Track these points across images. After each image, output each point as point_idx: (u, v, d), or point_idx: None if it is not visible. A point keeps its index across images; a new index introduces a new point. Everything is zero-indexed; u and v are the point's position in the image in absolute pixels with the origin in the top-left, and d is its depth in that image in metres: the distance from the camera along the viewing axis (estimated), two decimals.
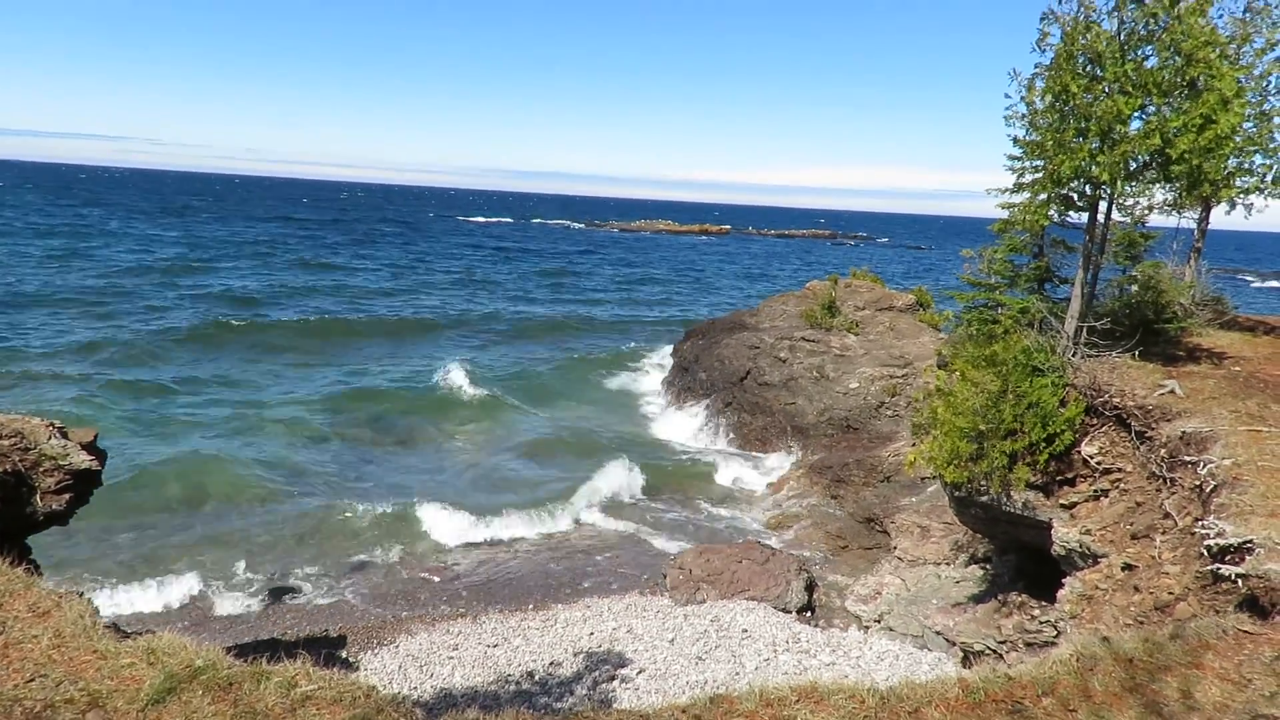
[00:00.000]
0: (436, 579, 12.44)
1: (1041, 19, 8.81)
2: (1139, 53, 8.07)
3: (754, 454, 18.55)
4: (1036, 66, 8.82)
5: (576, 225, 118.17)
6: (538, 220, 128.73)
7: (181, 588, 11.48)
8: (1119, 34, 8.08)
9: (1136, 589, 6.72)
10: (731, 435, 19.38)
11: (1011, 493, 8.75)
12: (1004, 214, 9.49)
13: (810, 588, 12.19)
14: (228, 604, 11.31)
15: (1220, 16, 8.37)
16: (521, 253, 63.61)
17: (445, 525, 13.92)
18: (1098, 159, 8.14)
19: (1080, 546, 7.91)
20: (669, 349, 26.04)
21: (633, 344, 28.80)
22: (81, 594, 4.89)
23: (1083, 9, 8.43)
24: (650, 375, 24.64)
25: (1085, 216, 9.15)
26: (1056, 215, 9.19)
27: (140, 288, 33.42)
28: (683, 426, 20.50)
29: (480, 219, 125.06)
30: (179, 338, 24.96)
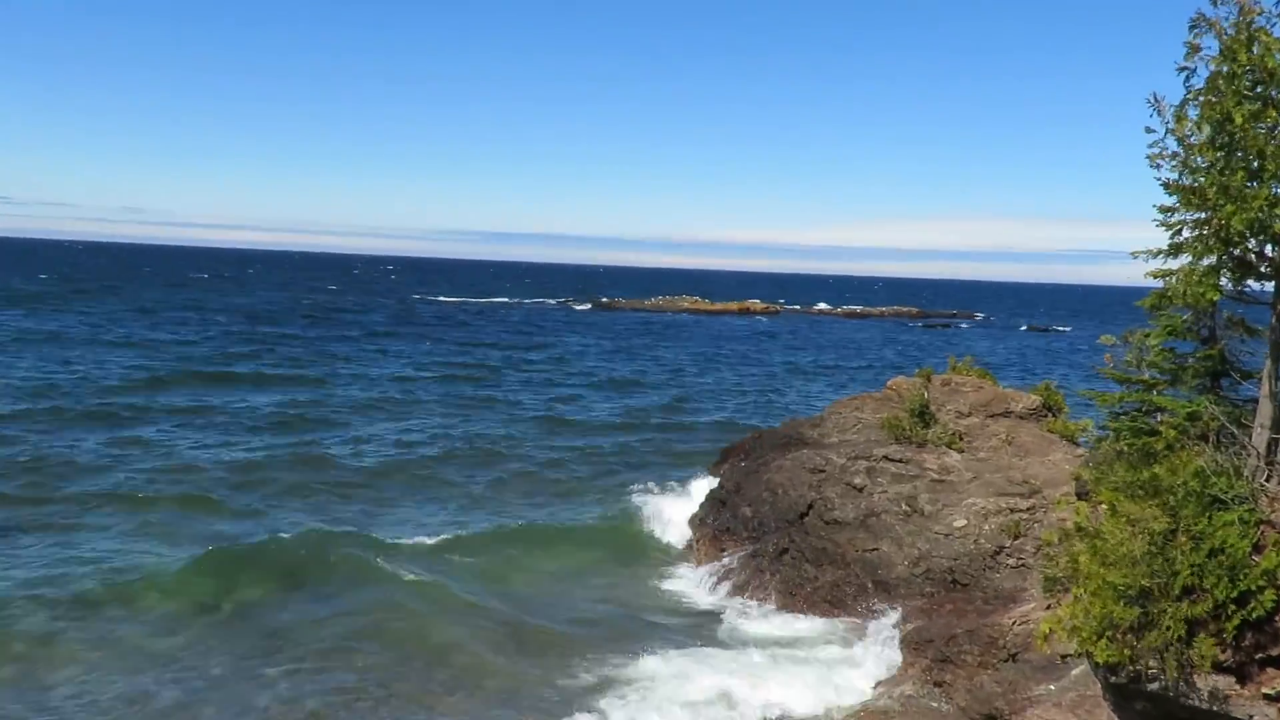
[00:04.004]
0: None
1: (1191, 27, 9.14)
2: None
3: (820, 620, 18.21)
4: (1188, 89, 9.15)
5: (580, 306, 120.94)
6: (524, 301, 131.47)
7: None
8: None
9: None
10: (788, 595, 19.09)
11: (1194, 678, 8.53)
12: (1157, 284, 9.63)
13: None
14: None
15: None
16: (496, 350, 64.92)
17: None
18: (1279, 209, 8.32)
19: None
20: (698, 476, 26.09)
21: (647, 470, 29.09)
22: None
23: (1243, 14, 8.76)
24: (672, 512, 24.57)
25: (1271, 286, 9.27)
26: (1230, 285, 9.33)
27: None
28: (716, 586, 20.24)
29: (446, 299, 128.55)
30: None
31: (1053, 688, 13.51)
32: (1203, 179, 8.84)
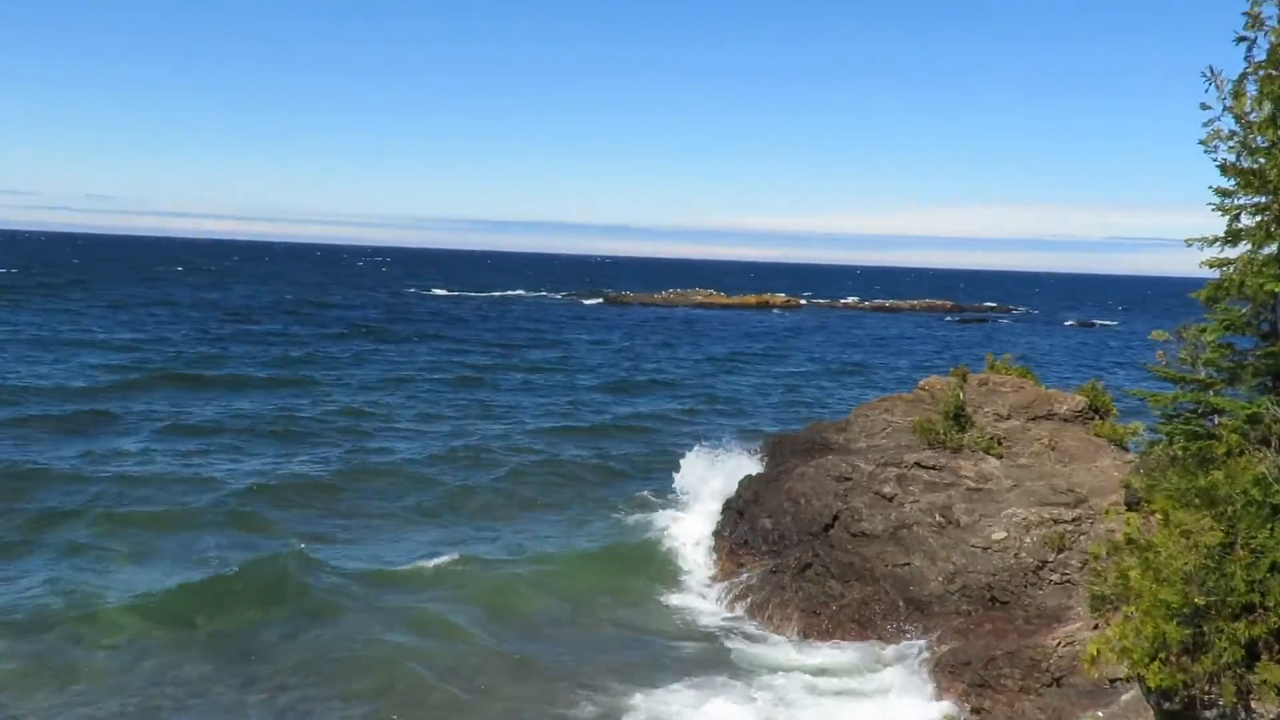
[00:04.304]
0: None
1: None
2: None
3: (847, 643, 18.22)
4: (1248, 62, 9.12)
5: (591, 301, 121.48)
6: (525, 294, 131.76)
7: None
8: None
9: None
10: (812, 615, 19.09)
11: (1253, 703, 8.52)
12: (1213, 274, 9.61)
13: None
14: None
15: None
16: (496, 349, 64.89)
17: None
18: None
19: None
20: (715, 484, 26.07)
21: (658, 479, 29.05)
22: None
23: None
24: (686, 524, 24.60)
25: None
26: None
27: None
28: (733, 604, 20.26)
29: (442, 292, 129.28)
30: None
31: (1100, 715, 13.50)
32: (1263, 160, 8.83)
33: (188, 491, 25.68)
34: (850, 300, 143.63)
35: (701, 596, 21.09)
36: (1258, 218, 8.97)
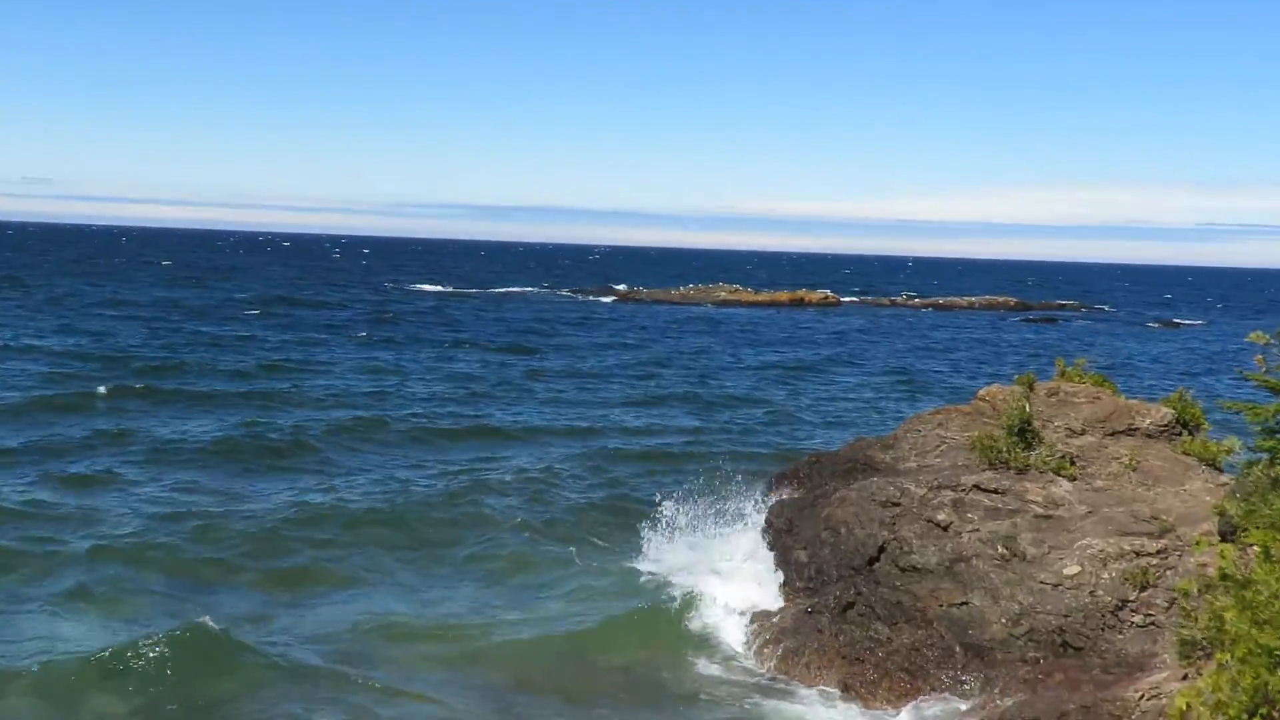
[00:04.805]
0: None
1: None
2: None
3: (893, 694, 18.15)
4: None
5: (606, 299, 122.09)
6: (529, 291, 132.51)
7: None
8: None
9: None
10: (854, 664, 19.04)
11: None
12: None
13: None
14: None
15: None
16: (493, 357, 65.15)
17: None
18: None
19: None
20: (744, 509, 26.06)
21: (680, 507, 29.00)
22: None
23: None
24: (710, 559, 24.58)
25: None
26: None
27: None
28: (764, 650, 20.19)
29: (431, 288, 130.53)
30: None
31: None
32: None
33: (133, 528, 25.35)
34: (897, 297, 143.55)
35: (726, 641, 20.91)
36: None
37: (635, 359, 64.89)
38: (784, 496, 24.59)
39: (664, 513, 26.60)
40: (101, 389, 42.72)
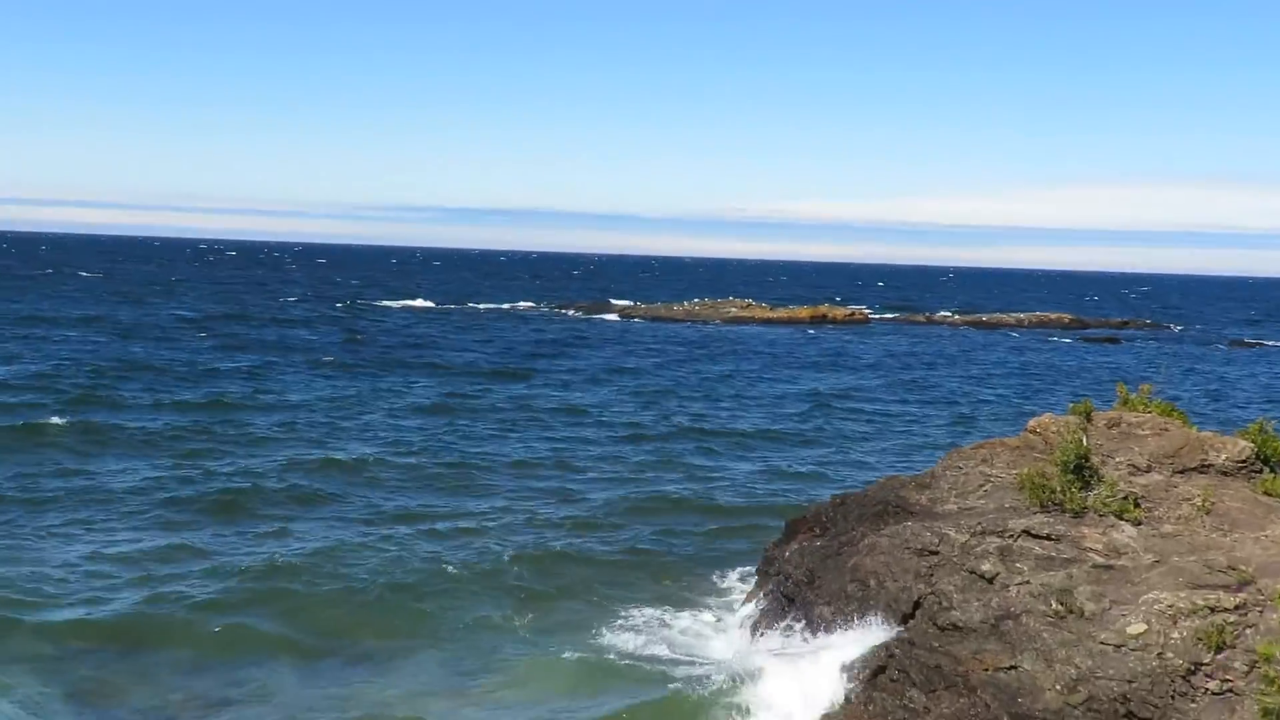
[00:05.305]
0: None
1: None
2: None
3: None
4: None
5: (609, 316, 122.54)
6: (518, 308, 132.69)
7: None
8: None
9: None
10: None
11: None
12: None
13: None
14: None
15: None
16: (472, 386, 64.91)
17: None
18: None
19: None
20: (751, 562, 26.11)
21: (674, 555, 28.97)
22: None
23: None
24: (712, 617, 24.60)
25: None
26: None
27: None
28: None
29: (399, 304, 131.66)
30: None
31: None
32: None
33: (44, 613, 24.38)
34: (935, 313, 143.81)
35: (740, 709, 20.93)
36: None
37: (639, 385, 64.91)
38: (803, 543, 24.56)
39: (670, 571, 26.65)
40: (18, 423, 42.40)
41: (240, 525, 31.64)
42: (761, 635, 23.25)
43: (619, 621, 25.60)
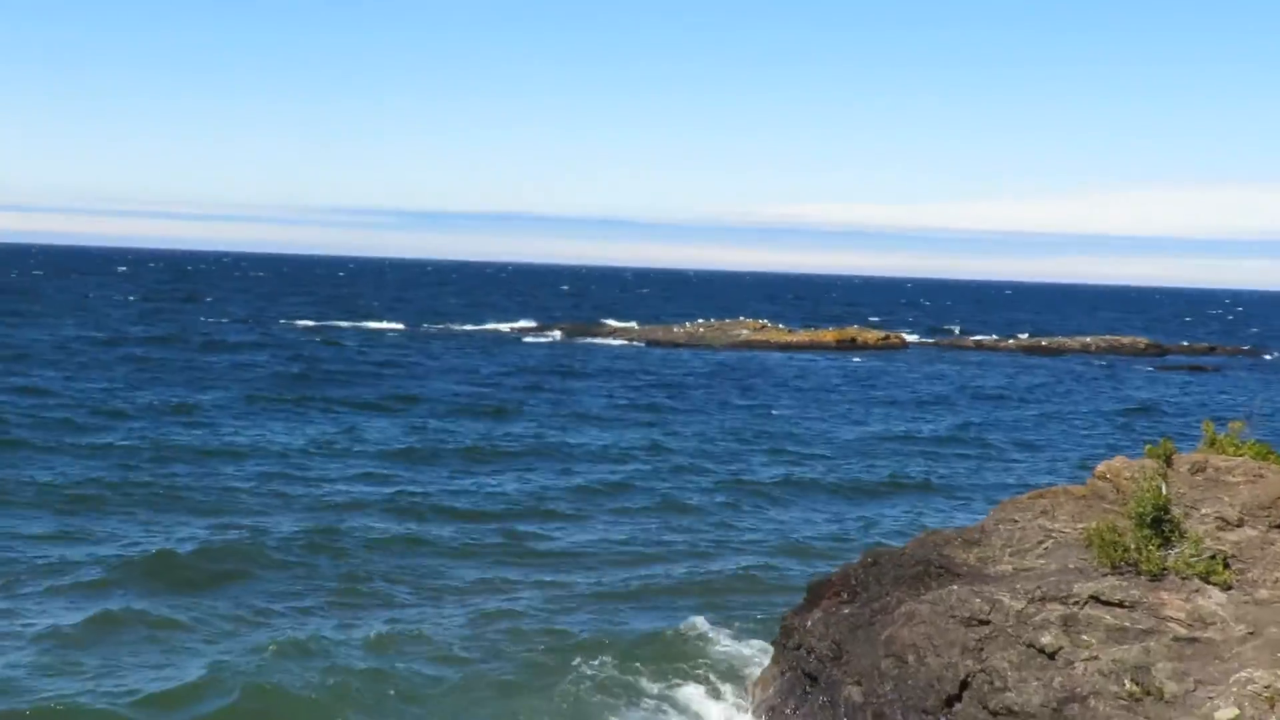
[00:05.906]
0: None
1: None
2: None
3: None
4: None
5: (614, 341, 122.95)
6: (501, 330, 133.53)
7: None
8: None
9: None
10: None
11: None
12: None
13: None
14: None
15: None
16: (434, 425, 64.49)
17: None
18: None
19: None
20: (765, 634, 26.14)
21: (676, 624, 29.24)
22: None
23: None
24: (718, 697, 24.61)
25: None
26: None
27: None
28: None
29: (351, 325, 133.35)
30: None
31: None
32: None
33: None
34: (983, 338, 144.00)
35: None
36: None
37: (624, 416, 65.13)
38: (828, 611, 24.47)
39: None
40: None
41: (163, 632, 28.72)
42: (771, 712, 23.29)
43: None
